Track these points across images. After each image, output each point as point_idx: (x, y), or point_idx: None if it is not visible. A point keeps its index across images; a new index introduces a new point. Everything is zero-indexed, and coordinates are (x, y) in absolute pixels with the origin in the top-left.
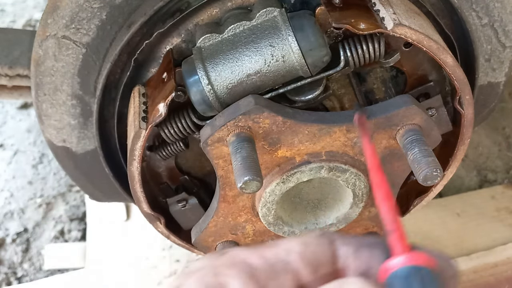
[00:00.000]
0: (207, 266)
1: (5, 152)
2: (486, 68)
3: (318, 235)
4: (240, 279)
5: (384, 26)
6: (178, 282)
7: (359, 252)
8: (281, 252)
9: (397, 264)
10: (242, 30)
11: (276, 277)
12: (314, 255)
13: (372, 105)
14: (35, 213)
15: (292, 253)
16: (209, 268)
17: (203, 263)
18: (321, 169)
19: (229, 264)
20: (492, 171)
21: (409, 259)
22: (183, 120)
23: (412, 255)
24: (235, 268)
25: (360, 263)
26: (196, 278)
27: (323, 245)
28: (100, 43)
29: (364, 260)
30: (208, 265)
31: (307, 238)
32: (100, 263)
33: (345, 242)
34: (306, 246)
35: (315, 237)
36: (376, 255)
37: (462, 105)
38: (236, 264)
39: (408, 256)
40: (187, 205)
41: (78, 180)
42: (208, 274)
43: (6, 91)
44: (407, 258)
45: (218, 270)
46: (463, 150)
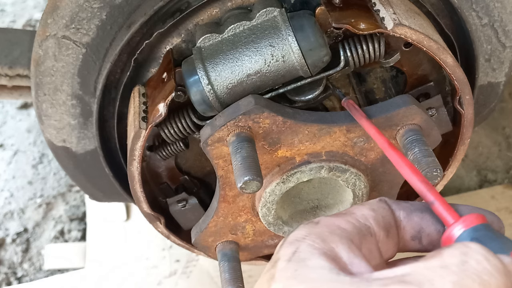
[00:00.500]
0: (311, 234)
1: (5, 152)
2: (486, 68)
3: (378, 201)
4: (344, 244)
5: (384, 26)
6: (288, 249)
7: (411, 216)
8: (360, 218)
9: (459, 230)
10: (242, 30)
11: (365, 240)
12: (384, 219)
13: (372, 105)
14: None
15: (368, 218)
16: (315, 235)
17: (305, 231)
18: (321, 169)
19: (330, 231)
20: (492, 171)
21: (467, 223)
22: (183, 120)
23: (467, 218)
24: (336, 235)
25: (413, 225)
26: (308, 245)
27: (387, 209)
28: (100, 43)
29: (416, 222)
30: (312, 232)
31: (371, 204)
32: (100, 263)
33: (399, 207)
34: (376, 211)
35: (377, 203)
36: (426, 219)
37: (462, 105)
38: (335, 230)
39: (464, 220)
40: (187, 205)
41: (78, 180)
42: (317, 240)
43: (6, 91)
44: (464, 222)
45: (323, 236)
46: (463, 150)
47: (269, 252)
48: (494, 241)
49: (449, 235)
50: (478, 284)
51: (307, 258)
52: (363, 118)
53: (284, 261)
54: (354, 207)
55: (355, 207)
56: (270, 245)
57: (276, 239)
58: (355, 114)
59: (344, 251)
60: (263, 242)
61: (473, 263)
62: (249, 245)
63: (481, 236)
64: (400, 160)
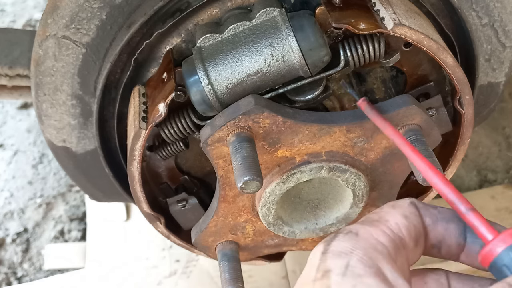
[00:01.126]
0: (357, 248)
1: (5, 152)
2: (486, 68)
3: (408, 204)
4: (388, 263)
5: (384, 26)
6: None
7: (436, 225)
8: (394, 228)
9: (499, 247)
10: (242, 30)
11: (399, 254)
12: (415, 228)
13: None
14: (35, 213)
15: (402, 228)
16: (361, 250)
17: (350, 244)
18: (321, 169)
19: (373, 247)
20: (492, 171)
21: (506, 240)
22: (183, 120)
23: (506, 236)
24: (379, 252)
25: (436, 235)
26: (358, 260)
27: (417, 216)
28: (100, 43)
29: (439, 232)
30: (357, 247)
31: (403, 209)
32: (100, 263)
33: (426, 213)
34: (408, 219)
35: (409, 208)
36: (450, 230)
37: (462, 105)
38: (377, 247)
39: (503, 238)
40: (187, 205)
41: (78, 180)
42: (365, 257)
43: (6, 91)
44: (503, 240)
45: (369, 253)
46: (463, 150)
47: (269, 252)
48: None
49: (489, 252)
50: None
51: (363, 275)
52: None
53: (338, 274)
54: (386, 211)
55: (387, 211)
56: (270, 245)
57: (276, 239)
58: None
59: (388, 271)
60: (263, 242)
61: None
62: (249, 245)
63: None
64: (429, 169)
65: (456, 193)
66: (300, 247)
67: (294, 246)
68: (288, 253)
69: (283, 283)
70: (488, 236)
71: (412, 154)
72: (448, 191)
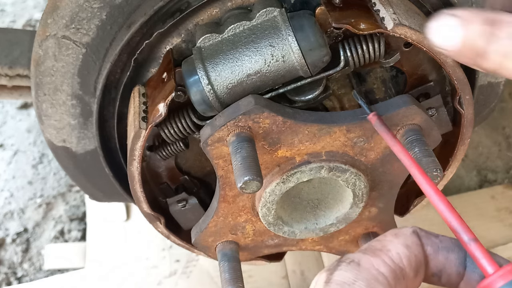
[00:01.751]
0: (359, 279)
1: (5, 152)
2: None
3: (411, 233)
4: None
5: (384, 26)
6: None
7: (437, 254)
8: (395, 258)
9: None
10: (242, 30)
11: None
12: (416, 258)
13: (372, 105)
14: (35, 213)
15: (403, 258)
16: (363, 281)
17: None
18: (321, 169)
19: (374, 278)
20: (492, 171)
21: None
22: (183, 120)
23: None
24: (380, 283)
25: (437, 264)
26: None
27: (419, 246)
28: (100, 43)
29: (440, 261)
30: (359, 278)
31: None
32: (100, 263)
33: (428, 242)
34: (410, 249)
35: (411, 237)
36: (450, 259)
37: (462, 105)
38: (378, 278)
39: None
40: (187, 205)
41: (78, 180)
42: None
43: (6, 91)
44: (504, 275)
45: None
46: (463, 150)
47: (269, 252)
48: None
49: (488, 285)
50: None
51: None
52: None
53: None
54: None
55: (390, 240)
56: (270, 245)
57: (276, 239)
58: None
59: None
60: (263, 242)
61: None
62: (249, 245)
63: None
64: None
65: (461, 221)
66: (300, 247)
67: (294, 246)
68: (288, 253)
69: (283, 283)
70: (488, 269)
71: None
72: (452, 219)
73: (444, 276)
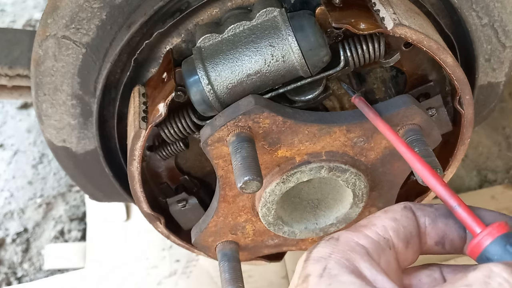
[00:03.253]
0: (335, 252)
1: (5, 152)
2: (486, 68)
3: (402, 208)
4: (366, 261)
5: (384, 26)
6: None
7: (436, 222)
8: (380, 231)
9: (486, 240)
10: (242, 30)
11: (383, 254)
12: (405, 229)
13: (372, 105)
14: (35, 213)
15: (388, 230)
16: (339, 253)
17: (328, 249)
18: (321, 169)
19: (351, 249)
20: (492, 171)
21: (493, 232)
22: (183, 120)
23: (493, 228)
24: (357, 252)
25: (437, 232)
26: (336, 262)
27: (410, 218)
28: (100, 43)
29: (440, 229)
30: (335, 250)
31: (394, 212)
32: (100, 263)
33: (424, 213)
34: (397, 222)
35: (400, 211)
36: (450, 225)
37: (462, 105)
38: (355, 248)
39: (491, 230)
40: (187, 205)
41: (78, 180)
42: (342, 259)
43: (6, 91)
44: (491, 232)
45: (346, 255)
46: (463, 150)
47: (269, 252)
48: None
49: (477, 244)
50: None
51: (338, 274)
52: (377, 117)
53: (316, 276)
54: (377, 216)
55: (378, 216)
56: (270, 245)
57: (276, 239)
58: (367, 113)
59: (366, 269)
60: (263, 242)
61: (495, 284)
62: (249, 245)
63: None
64: (419, 164)
65: (446, 188)
66: (300, 247)
67: (294, 246)
68: (288, 253)
69: (283, 283)
70: (476, 229)
71: (402, 147)
72: (438, 186)
73: (447, 242)
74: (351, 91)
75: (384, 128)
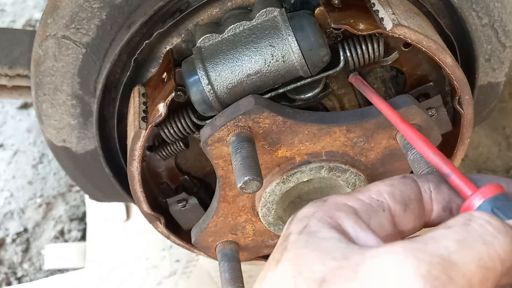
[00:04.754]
0: (319, 211)
1: (5, 152)
2: (486, 68)
3: (401, 177)
4: (350, 219)
5: (383, 26)
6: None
7: (440, 187)
8: (374, 194)
9: (478, 201)
10: (242, 30)
11: (375, 215)
12: (402, 193)
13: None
14: (35, 213)
15: (383, 193)
16: (323, 211)
17: (312, 209)
18: (321, 169)
19: (336, 208)
20: (492, 171)
21: (485, 193)
22: (182, 120)
23: (485, 189)
24: (342, 211)
25: (443, 196)
26: (317, 220)
27: (409, 184)
28: (100, 43)
29: (446, 193)
30: (320, 209)
31: (391, 180)
32: (100, 263)
33: (426, 179)
34: (393, 186)
35: (398, 179)
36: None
37: (461, 105)
38: (342, 207)
39: (482, 191)
40: (187, 205)
41: (78, 180)
42: (325, 216)
43: (6, 91)
44: (483, 193)
45: (330, 213)
46: (463, 150)
47: (269, 252)
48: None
49: (468, 206)
50: (481, 243)
51: (318, 230)
52: (373, 94)
53: (295, 234)
54: (374, 183)
55: (375, 182)
56: (270, 245)
57: (276, 239)
58: (365, 91)
59: (349, 226)
60: (263, 242)
61: (476, 226)
62: (249, 245)
63: (501, 206)
64: (413, 134)
65: (439, 155)
66: None
67: None
68: None
69: None
70: (468, 192)
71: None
72: (431, 154)
73: (454, 207)
74: (349, 70)
75: (379, 101)
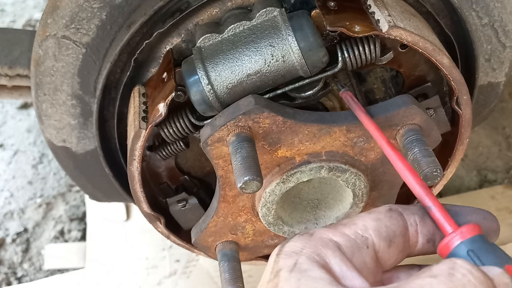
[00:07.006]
0: (307, 247)
1: (5, 152)
2: (486, 68)
3: (387, 210)
4: (337, 257)
5: (379, 28)
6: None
7: (425, 219)
8: (359, 230)
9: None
10: (242, 30)
11: (359, 251)
12: (388, 228)
13: (372, 105)
14: (35, 213)
15: (369, 229)
16: (310, 248)
17: (301, 244)
18: (321, 169)
19: (323, 244)
20: (492, 171)
21: (464, 234)
22: (182, 120)
23: (464, 229)
24: (329, 248)
25: (428, 229)
26: (307, 257)
27: (395, 218)
28: (100, 43)
29: (430, 225)
30: (307, 245)
31: (378, 214)
32: (100, 263)
33: (412, 212)
34: (379, 221)
35: (385, 212)
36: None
37: (460, 106)
38: (328, 244)
39: (461, 232)
40: (187, 205)
41: (78, 180)
42: (313, 254)
43: (6, 91)
44: (461, 234)
45: (318, 250)
46: (462, 150)
47: (269, 252)
48: (489, 254)
49: (446, 245)
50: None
51: (309, 269)
52: (362, 113)
53: (286, 271)
54: (361, 216)
55: (361, 215)
56: (270, 245)
57: (276, 239)
58: (353, 108)
59: (336, 264)
60: (263, 242)
61: (459, 276)
62: (249, 245)
63: (476, 249)
64: (398, 161)
65: (422, 186)
66: None
67: None
68: None
69: None
70: (448, 229)
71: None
72: (415, 185)
73: (437, 239)
74: (340, 85)
75: (367, 122)
